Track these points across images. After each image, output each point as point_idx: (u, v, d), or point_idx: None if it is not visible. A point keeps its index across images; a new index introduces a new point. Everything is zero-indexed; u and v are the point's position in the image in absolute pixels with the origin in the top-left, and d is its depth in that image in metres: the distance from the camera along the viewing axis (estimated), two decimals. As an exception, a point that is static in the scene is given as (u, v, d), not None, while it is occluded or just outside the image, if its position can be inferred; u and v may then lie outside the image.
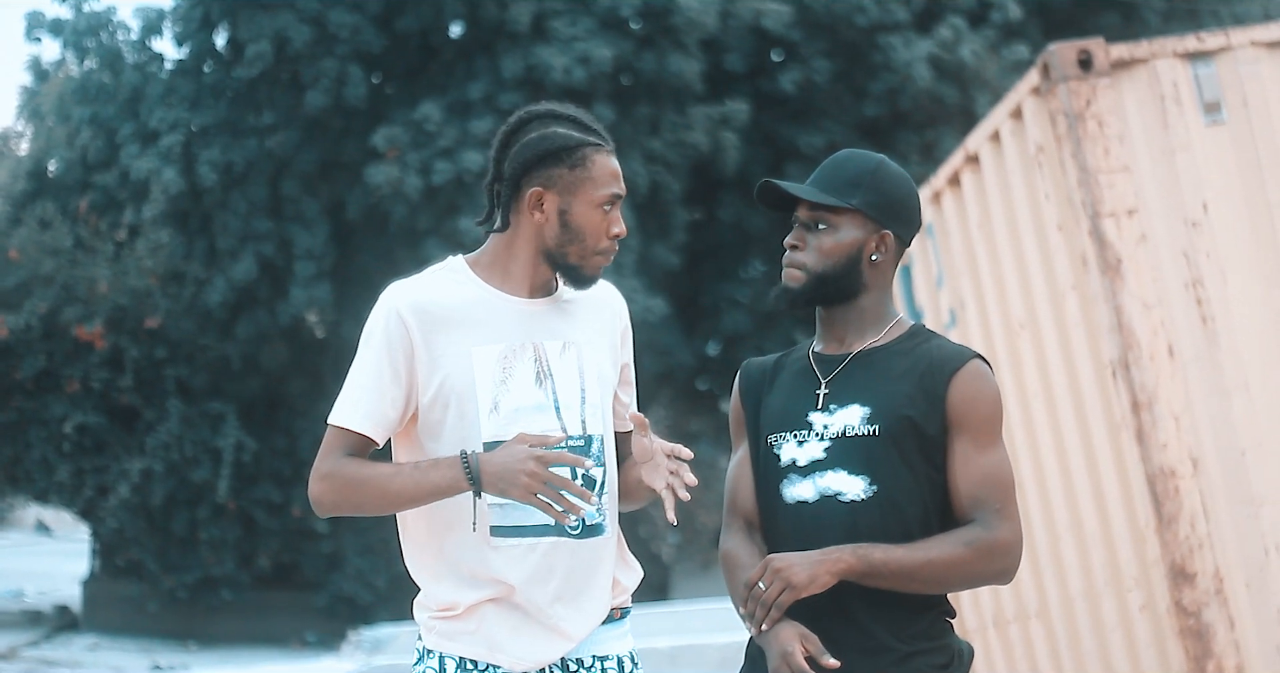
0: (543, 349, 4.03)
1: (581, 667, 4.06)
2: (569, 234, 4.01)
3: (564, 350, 4.05)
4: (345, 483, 3.98)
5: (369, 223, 24.15)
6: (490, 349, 4.01)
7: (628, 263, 21.89)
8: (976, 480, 3.84)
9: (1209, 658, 7.10)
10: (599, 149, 4.04)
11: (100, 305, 25.26)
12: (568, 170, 4.00)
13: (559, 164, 4.00)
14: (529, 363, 4.02)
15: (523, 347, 4.02)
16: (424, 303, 4.03)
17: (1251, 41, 7.61)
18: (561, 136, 4.01)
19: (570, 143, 4.01)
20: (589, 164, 4.01)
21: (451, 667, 4.06)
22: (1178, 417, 7.25)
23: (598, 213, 4.02)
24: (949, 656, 3.90)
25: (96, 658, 23.04)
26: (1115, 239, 7.35)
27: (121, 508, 25.29)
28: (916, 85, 23.23)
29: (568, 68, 22.18)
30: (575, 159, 4.00)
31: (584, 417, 4.04)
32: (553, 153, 4.00)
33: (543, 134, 4.02)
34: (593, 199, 4.01)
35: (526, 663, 4.01)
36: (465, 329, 4.01)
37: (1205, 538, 7.17)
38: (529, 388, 4.00)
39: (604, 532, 4.05)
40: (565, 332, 4.07)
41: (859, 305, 3.98)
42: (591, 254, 4.04)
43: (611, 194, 4.04)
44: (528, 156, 4.01)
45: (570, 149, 4.00)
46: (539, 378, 4.01)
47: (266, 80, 24.21)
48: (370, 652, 14.85)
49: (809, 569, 3.77)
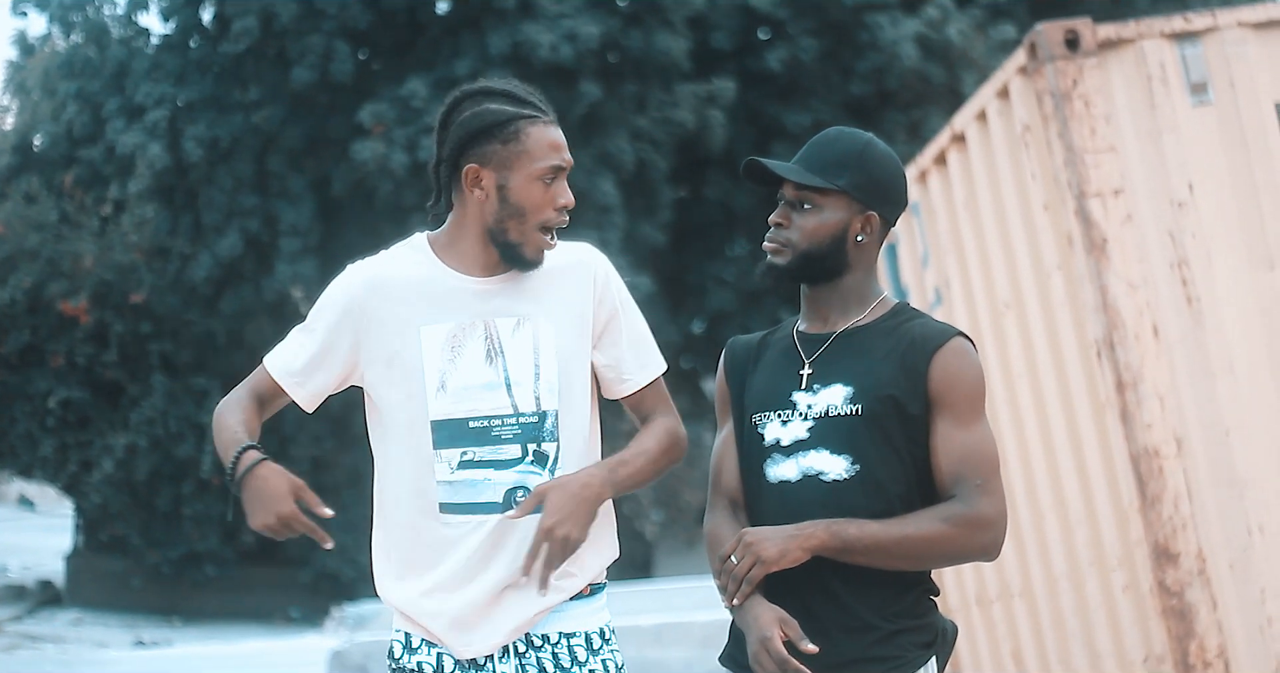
0: (494, 327, 4.02)
1: (547, 643, 4.05)
2: (508, 210, 3.99)
3: (518, 327, 4.04)
4: (216, 417, 4.06)
5: (354, 199, 24.13)
6: (438, 328, 4.02)
7: (613, 240, 21.89)
8: (958, 457, 3.84)
9: (1191, 638, 7.11)
10: (533, 121, 3.99)
11: (85, 280, 25.23)
12: (501, 145, 3.97)
13: (492, 140, 3.98)
14: (479, 341, 4.01)
15: (472, 325, 4.02)
16: (379, 280, 4.06)
17: (1238, 22, 7.61)
18: (493, 112, 3.99)
19: (502, 117, 3.98)
20: (522, 137, 3.98)
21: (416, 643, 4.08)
22: (1162, 397, 7.25)
23: (537, 186, 3.99)
24: (932, 634, 3.90)
25: (80, 633, 23.03)
26: (1101, 219, 7.35)
27: (105, 483, 25.28)
28: (903, 64, 23.23)
29: (554, 45, 22.16)
30: (508, 133, 3.97)
31: (537, 393, 4.02)
32: (484, 129, 3.98)
33: (475, 111, 4.00)
34: (531, 172, 3.98)
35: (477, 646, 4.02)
36: (415, 308, 4.02)
37: (1189, 518, 7.18)
38: (479, 366, 4.00)
39: None
40: (520, 308, 4.05)
41: (843, 285, 3.97)
42: (532, 230, 4.00)
43: (550, 166, 3.99)
44: (461, 135, 4.00)
45: (502, 123, 3.98)
46: (489, 356, 4.01)
47: (253, 56, 24.17)
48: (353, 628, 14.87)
49: (780, 544, 3.77)
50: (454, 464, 3.99)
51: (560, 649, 4.05)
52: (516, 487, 3.99)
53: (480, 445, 3.99)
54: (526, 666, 4.03)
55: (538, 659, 4.03)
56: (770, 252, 3.97)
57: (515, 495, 3.98)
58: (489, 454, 4.00)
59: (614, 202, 22.56)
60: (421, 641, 4.08)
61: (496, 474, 3.99)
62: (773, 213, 3.99)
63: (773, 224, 3.97)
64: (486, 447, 3.99)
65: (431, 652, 4.05)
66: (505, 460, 4.00)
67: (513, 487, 3.98)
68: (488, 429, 3.99)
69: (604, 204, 22.71)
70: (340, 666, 13.32)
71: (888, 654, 3.83)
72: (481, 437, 3.99)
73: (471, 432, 3.99)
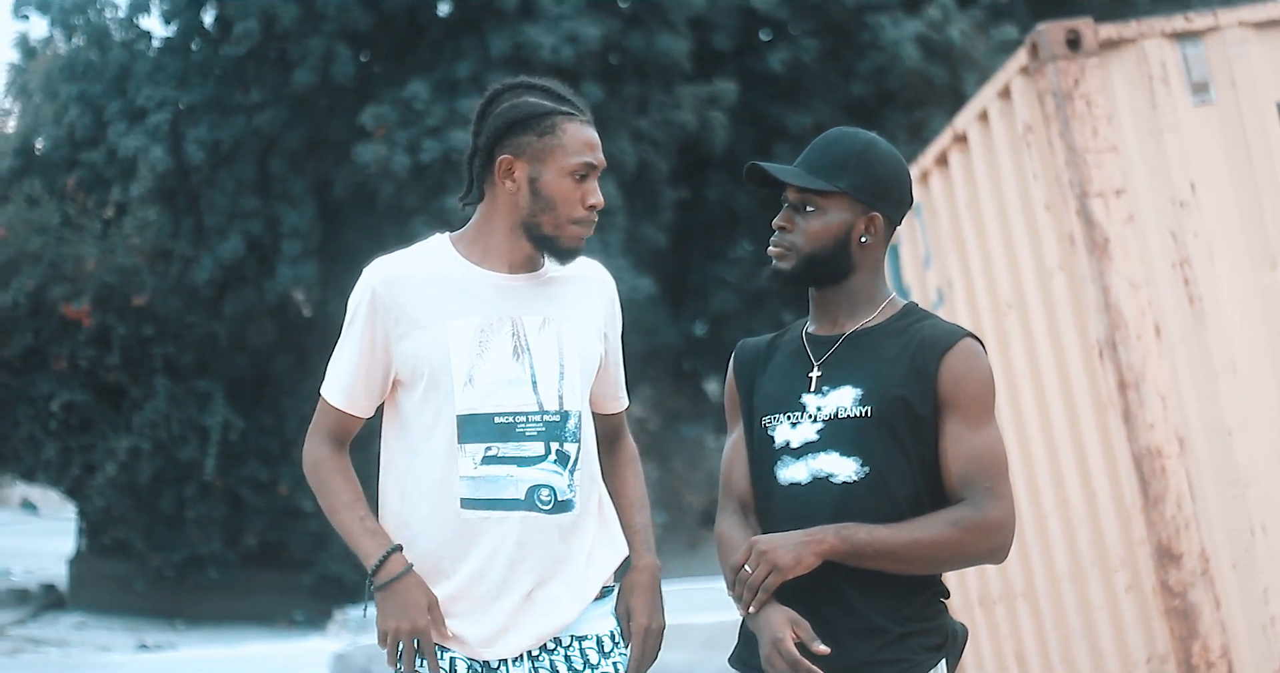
0: (521, 324, 4.04)
1: (559, 645, 4.06)
2: (540, 203, 4.01)
3: (543, 326, 4.05)
4: (316, 481, 4.13)
5: (356, 201, 24.11)
6: (466, 322, 4.02)
7: (615, 242, 21.87)
8: (967, 460, 3.84)
9: (1194, 638, 7.11)
10: (570, 118, 4.03)
11: (87, 283, 25.21)
12: (536, 138, 3.99)
13: (528, 131, 4.00)
14: (506, 337, 4.02)
15: (500, 321, 4.03)
16: (401, 277, 4.06)
17: (1240, 22, 7.61)
18: (531, 105, 4.02)
19: (540, 111, 4.01)
20: (558, 131, 4.00)
21: None
22: (1164, 396, 7.25)
23: (568, 181, 4.01)
24: (943, 636, 3.90)
25: (83, 637, 23.02)
26: (1103, 219, 7.35)
27: (108, 486, 25.25)
28: (905, 65, 23.20)
29: (556, 46, 22.14)
30: (544, 126, 4.00)
31: (561, 392, 4.04)
32: (521, 120, 4.00)
33: (513, 103, 4.03)
34: (563, 167, 4.00)
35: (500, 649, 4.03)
36: (441, 303, 4.02)
37: (1191, 518, 7.18)
38: (506, 362, 4.01)
39: (573, 508, 4.05)
40: (546, 308, 4.07)
41: (850, 286, 3.97)
42: (566, 223, 4.03)
43: (583, 162, 4.02)
44: (498, 125, 4.02)
45: (539, 116, 4.00)
46: (516, 352, 4.02)
47: (254, 58, 24.16)
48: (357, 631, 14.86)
49: (794, 551, 3.77)
50: (478, 459, 4.00)
51: (573, 652, 4.06)
52: (540, 485, 4.00)
53: (505, 441, 4.00)
54: (539, 668, 4.04)
55: (550, 662, 4.05)
56: (775, 256, 3.97)
57: (539, 494, 3.99)
58: (513, 451, 4.00)
59: (615, 203, 22.53)
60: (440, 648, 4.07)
61: (519, 471, 4.00)
62: (776, 216, 3.99)
63: (776, 228, 3.98)
64: (511, 443, 4.00)
65: (444, 656, 4.04)
66: (529, 457, 4.01)
67: (535, 485, 3.99)
68: (513, 425, 4.00)
69: (605, 206, 22.66)
70: (343, 669, 13.32)
71: (897, 657, 3.83)
72: (506, 433, 4.00)
73: (497, 427, 4.00)
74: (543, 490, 3.99)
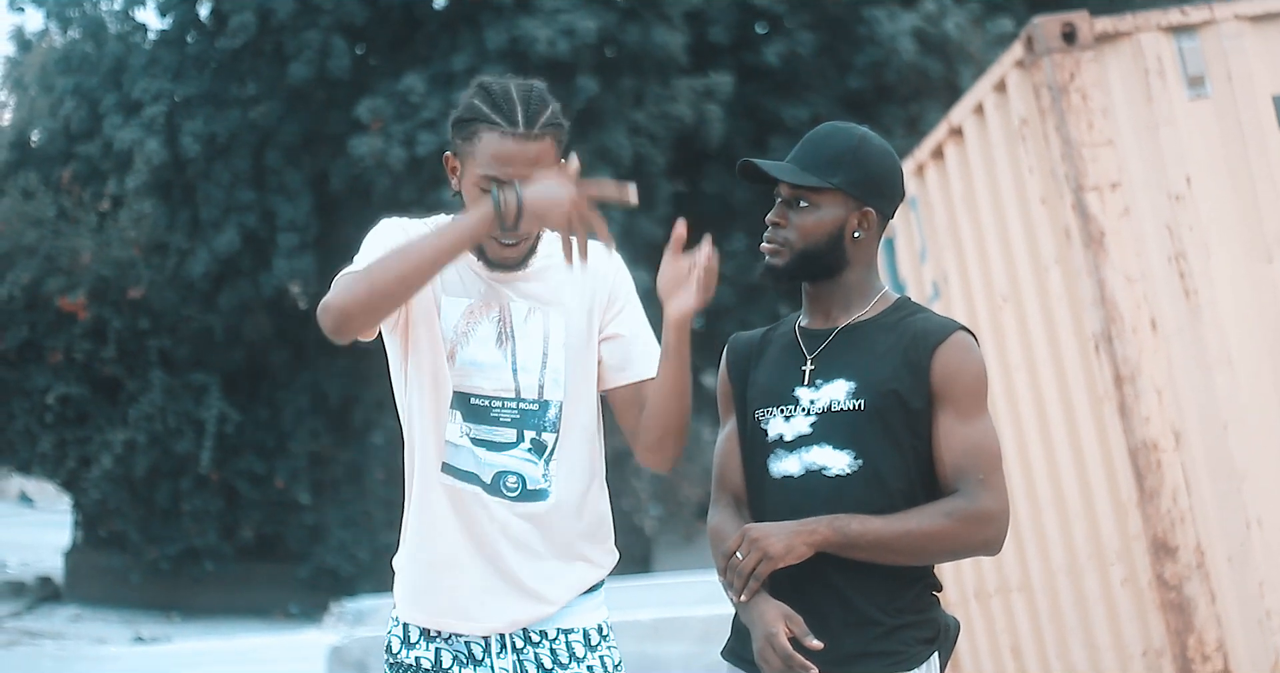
0: (508, 310, 4.02)
1: (545, 638, 4.05)
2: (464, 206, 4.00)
3: (530, 314, 4.04)
4: (372, 265, 3.92)
5: (352, 194, 24.10)
6: (457, 301, 4.02)
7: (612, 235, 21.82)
8: (960, 451, 3.84)
9: (1190, 632, 7.11)
10: (493, 128, 3.90)
11: (83, 276, 25.21)
12: (462, 142, 3.96)
13: (458, 134, 3.97)
14: (492, 323, 4.01)
15: (487, 305, 4.02)
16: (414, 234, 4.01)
17: (1235, 15, 7.60)
18: (466, 108, 3.96)
19: (466, 116, 3.95)
20: (474, 140, 3.92)
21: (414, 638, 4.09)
22: (1160, 390, 7.25)
23: (474, 192, 3.94)
24: (935, 629, 3.90)
25: (79, 629, 23.02)
26: (1099, 212, 7.35)
27: (104, 479, 25.26)
28: (901, 58, 23.20)
29: (552, 40, 22.12)
30: (467, 132, 3.94)
31: (542, 381, 4.03)
32: (454, 122, 3.99)
33: (463, 103, 3.99)
34: (471, 176, 3.94)
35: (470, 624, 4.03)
36: (440, 277, 3.99)
37: (1187, 512, 7.18)
38: (488, 346, 4.01)
39: (546, 497, 4.03)
40: (535, 296, 4.05)
41: (843, 281, 3.97)
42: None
43: (485, 175, 3.90)
44: (449, 123, 4.01)
45: (464, 121, 3.95)
46: (500, 339, 4.01)
47: (250, 51, 24.15)
48: (353, 624, 14.86)
49: (785, 539, 3.77)
50: (461, 430, 4.00)
51: (558, 645, 4.05)
52: (507, 471, 3.99)
53: (478, 424, 4.00)
54: (524, 661, 4.03)
55: (535, 655, 4.04)
56: (768, 252, 3.97)
57: (504, 480, 3.99)
58: (484, 434, 4.00)
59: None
60: (420, 635, 4.07)
61: (488, 455, 3.99)
62: (770, 212, 3.99)
63: (770, 224, 3.98)
64: (484, 426, 4.00)
65: (429, 647, 4.05)
66: (499, 443, 4.00)
67: (503, 470, 3.98)
68: (487, 409, 4.00)
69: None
70: (339, 661, 13.31)
71: (890, 650, 3.84)
72: (480, 415, 4.00)
73: (472, 408, 4.00)
74: (509, 477, 3.98)
